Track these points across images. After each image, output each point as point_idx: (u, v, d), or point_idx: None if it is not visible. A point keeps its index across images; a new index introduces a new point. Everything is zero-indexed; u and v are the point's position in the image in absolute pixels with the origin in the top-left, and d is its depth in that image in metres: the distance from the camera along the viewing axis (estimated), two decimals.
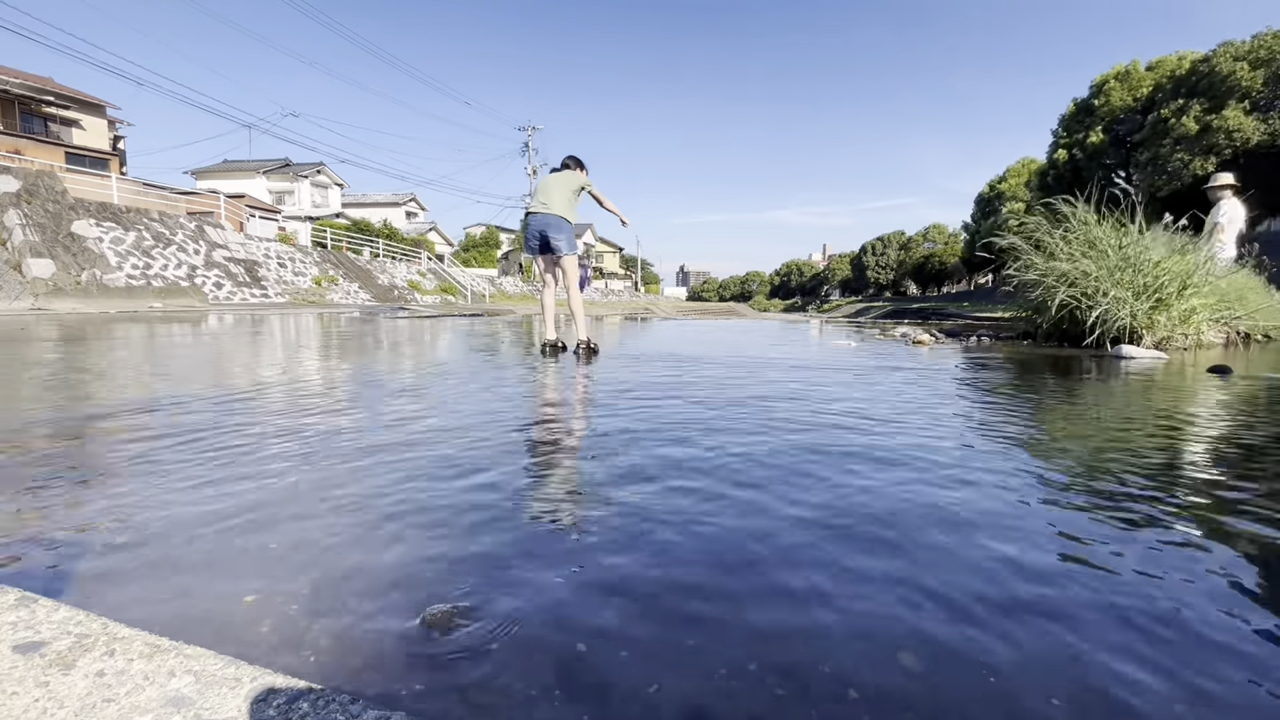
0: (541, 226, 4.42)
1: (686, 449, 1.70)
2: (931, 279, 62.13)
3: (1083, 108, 29.69)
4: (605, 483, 1.41)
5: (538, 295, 26.80)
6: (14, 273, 11.70)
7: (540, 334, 4.40)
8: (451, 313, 13.83)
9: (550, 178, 4.55)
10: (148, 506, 1.22)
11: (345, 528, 1.13)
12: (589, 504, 1.27)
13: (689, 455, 1.64)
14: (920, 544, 1.08)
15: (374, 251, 26.26)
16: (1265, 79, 22.02)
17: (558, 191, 4.42)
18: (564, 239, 4.41)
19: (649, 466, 1.52)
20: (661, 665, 0.73)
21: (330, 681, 0.67)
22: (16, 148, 18.58)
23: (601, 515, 1.20)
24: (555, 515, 1.21)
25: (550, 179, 4.54)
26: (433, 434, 1.86)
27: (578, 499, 1.31)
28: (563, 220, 4.40)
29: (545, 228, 4.41)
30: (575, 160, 4.73)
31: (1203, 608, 0.88)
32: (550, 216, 4.38)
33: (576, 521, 1.17)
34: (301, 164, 36.34)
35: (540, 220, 4.41)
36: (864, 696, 0.68)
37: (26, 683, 0.62)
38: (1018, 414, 2.37)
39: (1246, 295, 6.38)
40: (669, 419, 2.11)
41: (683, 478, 1.44)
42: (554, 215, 4.38)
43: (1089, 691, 0.70)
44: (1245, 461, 1.70)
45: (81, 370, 3.31)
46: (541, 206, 4.41)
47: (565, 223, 4.41)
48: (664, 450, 1.68)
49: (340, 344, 5.37)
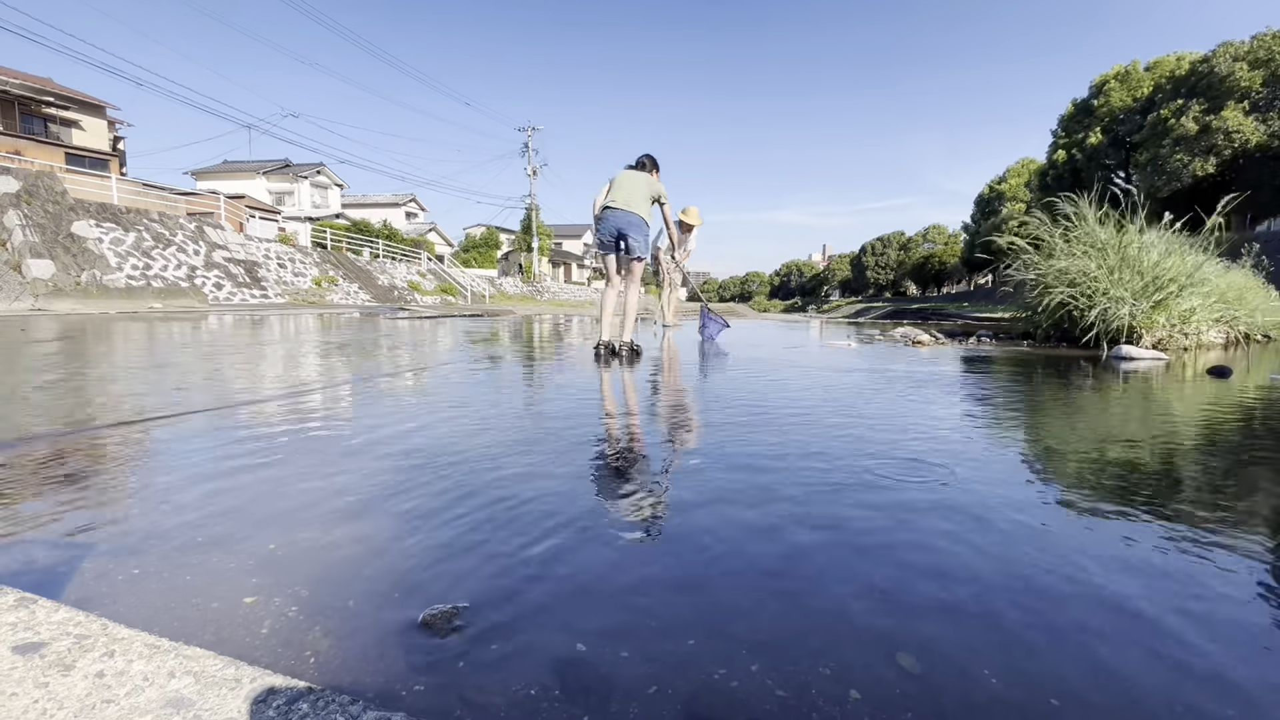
0: (622, 225, 4.17)
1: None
2: (931, 279, 62.14)
3: (1082, 108, 29.72)
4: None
5: (537, 296, 26.50)
6: (14, 273, 11.70)
7: (599, 334, 4.22)
8: (452, 313, 13.83)
9: (627, 175, 4.32)
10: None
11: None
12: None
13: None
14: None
15: (374, 252, 26.25)
16: (1264, 79, 22.03)
17: (639, 191, 4.22)
18: (640, 241, 4.22)
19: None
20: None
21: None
22: (16, 148, 18.58)
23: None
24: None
25: (628, 177, 4.31)
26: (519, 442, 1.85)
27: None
28: (643, 222, 4.21)
29: (626, 227, 4.17)
30: (652, 160, 4.51)
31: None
32: (632, 215, 4.17)
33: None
34: (301, 164, 36.32)
35: (621, 218, 4.17)
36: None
37: (26, 684, 0.62)
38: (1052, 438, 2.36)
39: (1246, 295, 6.39)
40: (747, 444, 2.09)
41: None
42: (636, 215, 4.18)
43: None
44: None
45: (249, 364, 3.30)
46: (623, 204, 4.17)
47: (645, 225, 4.23)
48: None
49: (401, 346, 5.36)
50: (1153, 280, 5.44)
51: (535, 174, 36.65)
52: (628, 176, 4.31)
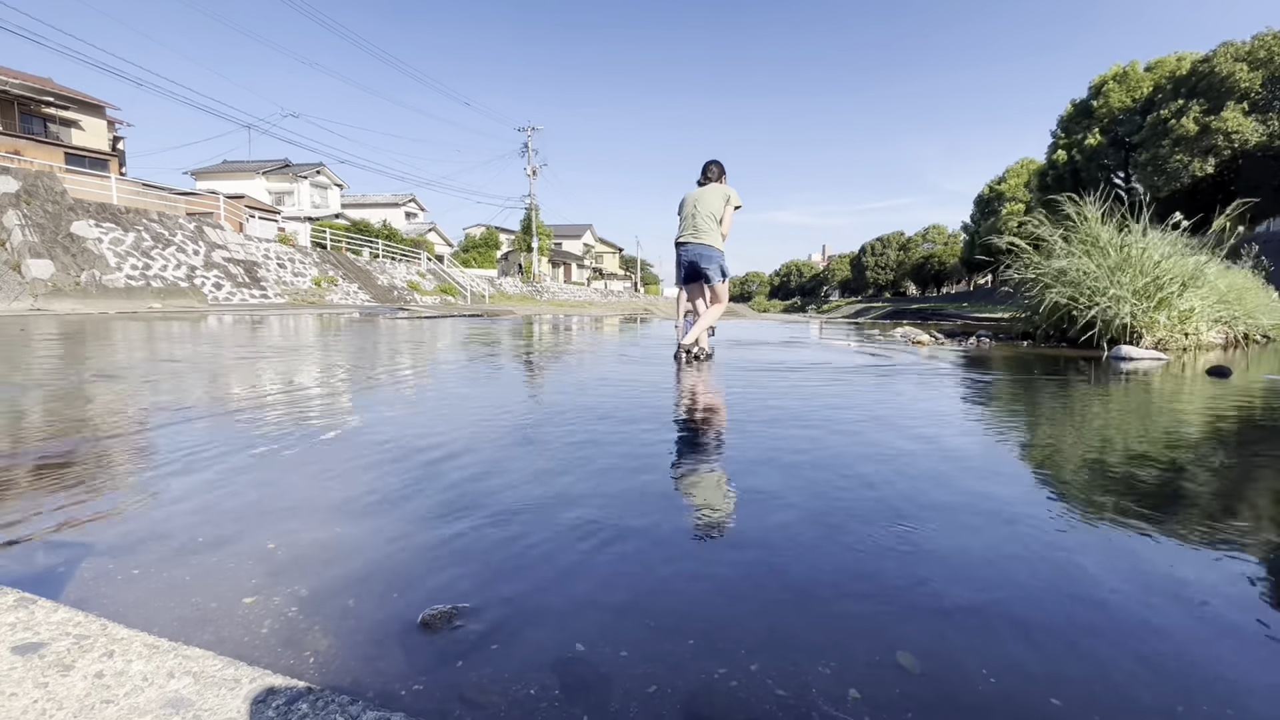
0: (693, 258, 4.30)
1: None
2: (931, 280, 62.16)
3: (1081, 109, 29.72)
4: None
5: (537, 296, 26.44)
6: (13, 273, 11.69)
7: (677, 339, 4.40)
8: (451, 313, 13.83)
9: (695, 196, 4.32)
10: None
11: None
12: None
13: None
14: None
15: (373, 252, 26.24)
16: (1264, 80, 22.03)
17: (704, 214, 4.24)
18: (715, 268, 4.29)
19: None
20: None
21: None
22: (16, 148, 18.56)
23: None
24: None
25: (695, 198, 4.31)
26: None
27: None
28: (713, 250, 4.26)
29: (696, 259, 4.28)
30: (718, 167, 4.43)
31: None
32: (700, 247, 4.25)
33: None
34: (301, 164, 36.30)
35: (691, 251, 4.29)
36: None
37: (26, 684, 0.62)
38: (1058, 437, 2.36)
39: (1245, 296, 6.39)
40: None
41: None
42: (703, 245, 4.25)
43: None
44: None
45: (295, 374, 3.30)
46: (691, 235, 4.28)
47: (716, 251, 4.28)
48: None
49: (442, 347, 5.36)
50: (1154, 280, 5.44)
51: (535, 174, 36.66)
52: (695, 199, 4.30)
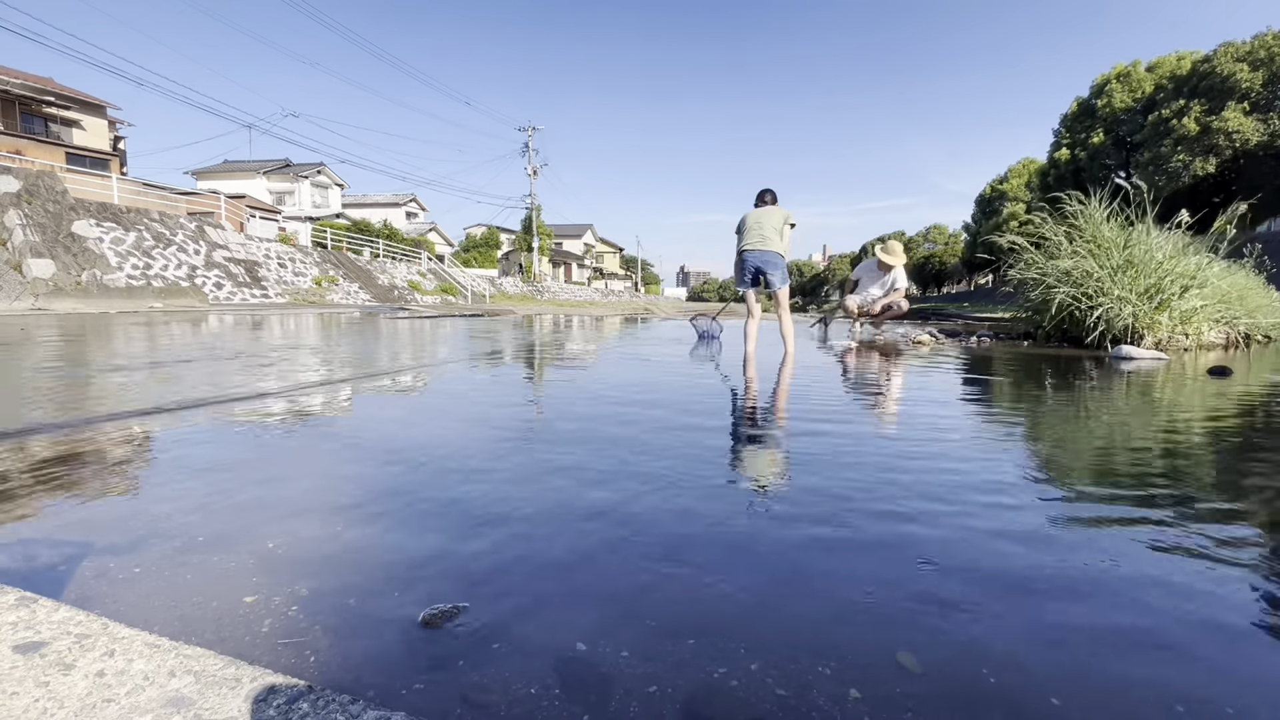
0: (759, 263, 4.66)
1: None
2: (932, 279, 62.07)
3: (1085, 108, 29.66)
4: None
5: (537, 296, 26.51)
6: (14, 273, 11.70)
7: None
8: (452, 313, 13.84)
9: (758, 214, 4.72)
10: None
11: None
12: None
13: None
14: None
15: (374, 252, 26.24)
16: (1265, 79, 21.99)
17: (771, 228, 4.64)
18: (779, 275, 4.69)
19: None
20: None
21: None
22: (17, 148, 18.58)
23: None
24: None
25: (758, 215, 4.71)
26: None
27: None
28: (779, 257, 4.67)
29: (763, 264, 4.66)
30: (773, 195, 4.89)
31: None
32: (768, 254, 4.63)
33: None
34: (302, 164, 36.30)
35: (758, 257, 4.65)
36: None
37: (27, 683, 0.62)
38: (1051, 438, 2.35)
39: (1247, 296, 6.38)
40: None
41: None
42: (772, 252, 4.63)
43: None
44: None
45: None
46: (759, 242, 4.63)
47: (781, 259, 4.68)
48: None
49: (473, 344, 5.36)
50: (1158, 280, 5.43)
51: (535, 174, 36.67)
52: (757, 216, 4.72)
